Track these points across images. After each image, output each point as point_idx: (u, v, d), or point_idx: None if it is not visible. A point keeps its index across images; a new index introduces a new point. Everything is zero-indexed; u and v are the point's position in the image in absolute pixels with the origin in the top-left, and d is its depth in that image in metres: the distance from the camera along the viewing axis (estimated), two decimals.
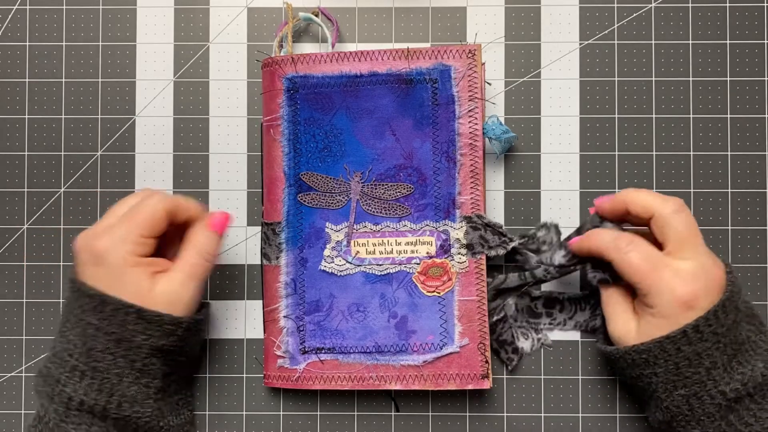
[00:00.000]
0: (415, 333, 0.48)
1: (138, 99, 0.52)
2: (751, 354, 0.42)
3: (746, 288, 0.51)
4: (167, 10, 0.52)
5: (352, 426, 0.51)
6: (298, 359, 0.49)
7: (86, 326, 0.43)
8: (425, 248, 0.49)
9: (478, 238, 0.48)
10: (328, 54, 0.48)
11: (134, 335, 0.42)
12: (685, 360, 0.41)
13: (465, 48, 0.48)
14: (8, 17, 0.52)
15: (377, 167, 0.49)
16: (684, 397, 0.42)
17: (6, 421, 0.51)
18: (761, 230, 0.51)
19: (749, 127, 0.51)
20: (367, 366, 0.48)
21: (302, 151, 0.49)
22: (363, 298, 0.49)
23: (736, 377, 0.41)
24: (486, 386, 0.48)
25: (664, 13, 0.52)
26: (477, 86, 0.48)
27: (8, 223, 0.52)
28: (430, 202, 0.49)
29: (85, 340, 0.42)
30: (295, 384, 0.49)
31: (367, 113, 0.49)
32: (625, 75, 0.52)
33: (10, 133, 0.52)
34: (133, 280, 0.43)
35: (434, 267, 0.49)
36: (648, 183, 0.51)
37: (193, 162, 0.52)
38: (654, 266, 0.42)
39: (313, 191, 0.49)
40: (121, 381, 0.42)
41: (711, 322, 0.41)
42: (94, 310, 0.42)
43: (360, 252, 0.49)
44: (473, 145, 0.48)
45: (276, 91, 0.49)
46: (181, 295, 0.44)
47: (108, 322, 0.42)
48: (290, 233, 0.49)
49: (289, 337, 0.49)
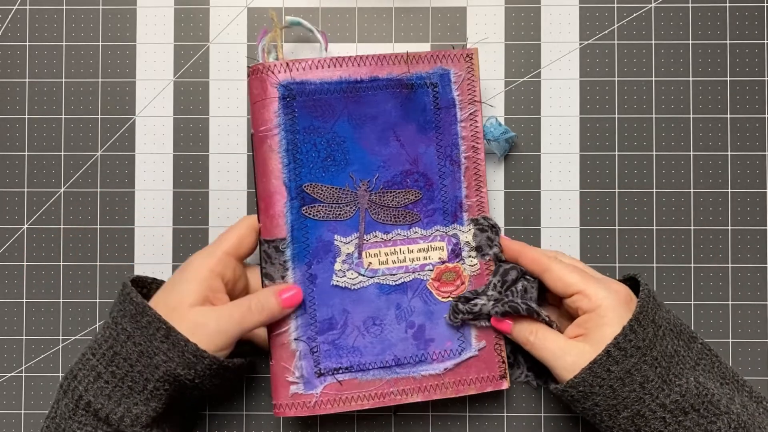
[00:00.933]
0: (434, 341, 0.47)
1: (138, 99, 0.52)
2: (681, 367, 0.43)
3: (746, 288, 0.51)
4: (167, 10, 0.52)
5: (352, 426, 0.51)
6: (314, 383, 0.46)
7: (121, 331, 0.43)
8: (437, 254, 0.48)
9: (486, 240, 0.48)
10: (325, 59, 0.47)
11: (156, 353, 0.42)
12: (618, 380, 0.42)
13: (463, 52, 0.48)
14: (8, 17, 0.52)
15: (384, 174, 0.48)
16: (629, 419, 0.42)
17: (6, 421, 0.51)
18: (761, 230, 0.51)
19: (749, 127, 0.51)
20: (387, 381, 0.47)
21: (303, 161, 0.47)
22: (379, 310, 0.47)
23: (675, 389, 0.42)
24: (505, 386, 0.47)
25: (664, 13, 0.52)
26: (476, 89, 0.48)
27: (8, 223, 0.52)
28: (438, 206, 0.48)
29: (113, 344, 0.43)
30: (312, 410, 0.46)
31: (371, 119, 0.48)
32: (625, 75, 0.52)
33: (10, 133, 0.52)
34: (185, 291, 0.43)
35: (447, 272, 0.48)
36: (648, 183, 0.51)
37: (193, 162, 0.52)
38: (586, 272, 0.46)
39: (318, 203, 0.47)
40: (131, 394, 0.42)
41: (630, 337, 0.42)
42: (132, 318, 0.43)
43: (372, 263, 0.47)
44: (475, 147, 0.48)
45: (269, 100, 0.46)
46: (208, 327, 0.43)
47: (140, 332, 0.42)
48: (296, 249, 0.46)
49: (302, 361, 0.46)
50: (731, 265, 0.51)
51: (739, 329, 0.51)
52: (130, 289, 0.44)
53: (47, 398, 0.51)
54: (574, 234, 0.51)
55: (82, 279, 0.52)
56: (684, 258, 0.51)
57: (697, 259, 0.51)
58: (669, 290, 0.51)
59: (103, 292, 0.52)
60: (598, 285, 0.44)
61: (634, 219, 0.51)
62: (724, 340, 0.51)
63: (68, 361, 0.51)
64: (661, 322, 0.44)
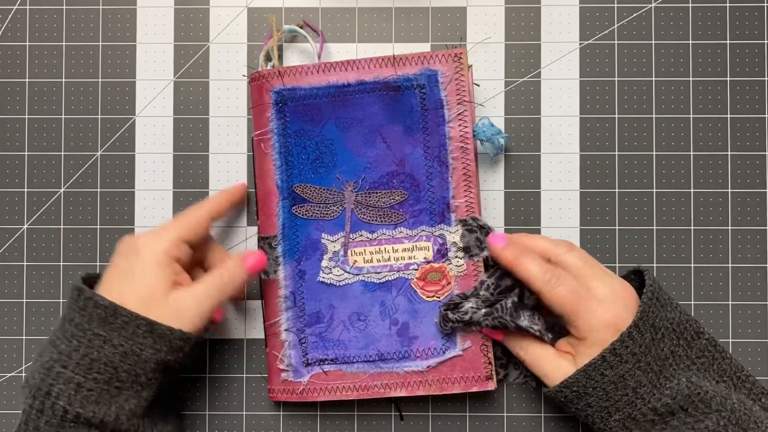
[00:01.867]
0: (417, 339, 0.48)
1: (138, 99, 0.52)
2: (674, 368, 0.43)
3: (746, 288, 0.51)
4: (167, 10, 0.52)
5: (352, 426, 0.51)
6: (302, 372, 0.49)
7: (93, 337, 0.41)
8: (422, 253, 0.48)
9: (474, 241, 0.48)
10: (314, 65, 0.48)
11: (143, 349, 0.42)
12: (611, 384, 0.42)
13: (451, 52, 0.48)
14: (8, 17, 0.52)
15: (370, 175, 0.49)
16: (620, 422, 0.43)
17: (6, 421, 0.51)
18: (761, 230, 0.51)
19: (749, 127, 0.51)
20: (371, 374, 0.48)
21: (294, 163, 0.49)
22: (363, 307, 0.49)
23: (665, 392, 0.42)
24: (490, 387, 0.48)
25: (664, 13, 0.52)
26: (465, 89, 0.48)
27: (8, 223, 0.52)
28: (424, 207, 0.49)
29: (86, 351, 0.41)
30: (300, 397, 0.49)
31: (357, 122, 0.49)
32: (625, 75, 0.52)
33: (10, 133, 0.52)
34: (153, 279, 0.43)
35: (432, 272, 0.48)
36: (648, 183, 0.51)
37: (193, 162, 0.52)
38: (579, 297, 0.44)
39: (307, 203, 0.49)
40: (120, 393, 0.42)
41: (627, 343, 0.42)
42: (103, 321, 0.42)
43: (357, 261, 0.49)
44: (464, 148, 0.48)
45: (264, 105, 0.49)
46: (190, 309, 0.43)
47: (117, 333, 0.41)
48: (287, 246, 0.49)
49: (291, 350, 0.49)
50: (731, 265, 0.51)
51: (739, 329, 0.51)
52: (91, 293, 0.42)
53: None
54: (574, 234, 0.51)
55: None
56: (684, 258, 0.51)
57: (697, 259, 0.51)
58: (669, 290, 0.51)
59: None
60: (589, 313, 0.43)
61: (634, 219, 0.51)
62: (724, 340, 0.51)
63: None
64: (662, 324, 0.44)
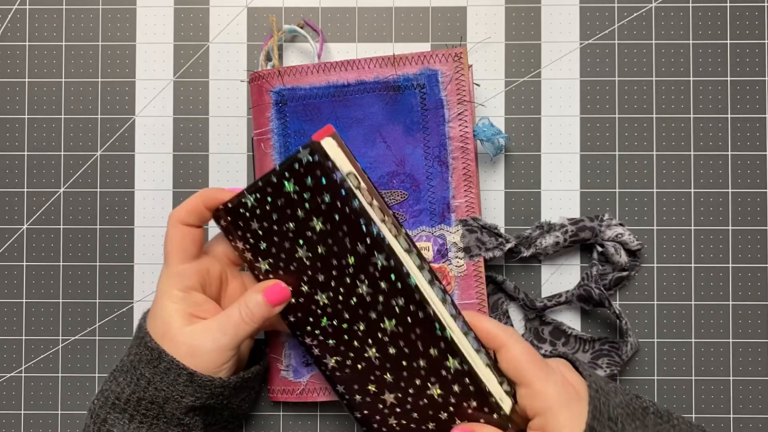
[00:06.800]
0: None
1: (138, 99, 0.52)
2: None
3: (746, 288, 0.51)
4: (167, 10, 0.52)
5: (352, 426, 0.51)
6: (302, 372, 0.49)
7: (140, 377, 0.42)
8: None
9: (475, 241, 0.48)
10: (313, 65, 0.48)
11: (183, 396, 0.42)
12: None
13: (451, 51, 0.48)
14: (8, 17, 0.52)
15: (370, 175, 0.48)
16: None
17: (6, 421, 0.51)
18: (761, 230, 0.51)
19: (749, 127, 0.51)
20: None
21: None
22: None
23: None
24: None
25: (664, 13, 0.52)
26: (465, 89, 0.48)
27: (8, 223, 0.52)
28: (424, 207, 0.48)
29: (134, 389, 0.42)
30: (300, 397, 0.49)
31: (357, 122, 0.48)
32: (625, 75, 0.52)
33: (10, 133, 0.52)
34: (167, 315, 0.43)
35: None
36: (648, 183, 0.51)
37: (193, 162, 0.52)
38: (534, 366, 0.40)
39: None
40: (168, 428, 0.43)
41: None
42: (149, 363, 0.42)
43: None
44: (464, 148, 0.48)
45: (264, 105, 0.48)
46: (204, 346, 0.42)
47: (160, 378, 0.42)
48: None
49: (291, 351, 0.49)
50: (731, 265, 0.51)
51: (739, 329, 0.51)
52: (145, 332, 0.43)
53: (47, 398, 0.51)
54: None
55: (81, 279, 0.52)
56: (684, 258, 0.51)
57: (697, 258, 0.51)
58: (669, 290, 0.51)
59: (102, 292, 0.52)
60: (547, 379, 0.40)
61: (634, 219, 0.51)
62: (725, 340, 0.51)
63: (68, 361, 0.51)
64: (616, 412, 0.40)
